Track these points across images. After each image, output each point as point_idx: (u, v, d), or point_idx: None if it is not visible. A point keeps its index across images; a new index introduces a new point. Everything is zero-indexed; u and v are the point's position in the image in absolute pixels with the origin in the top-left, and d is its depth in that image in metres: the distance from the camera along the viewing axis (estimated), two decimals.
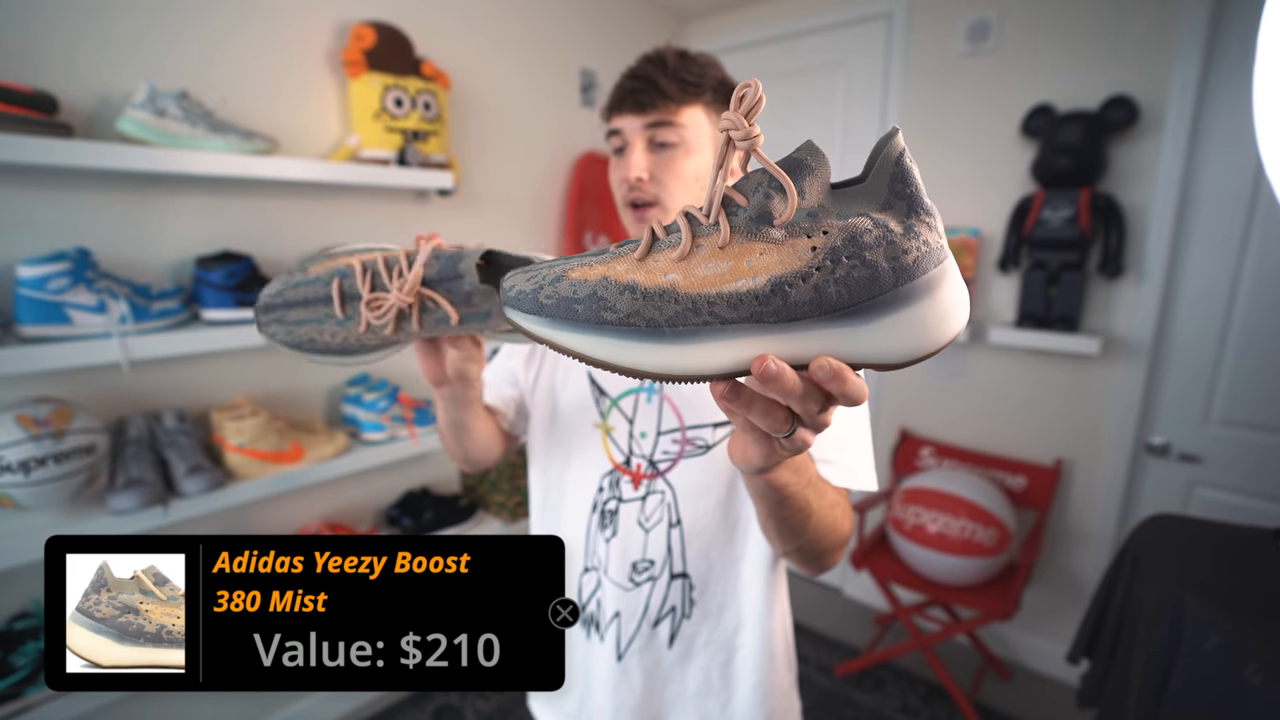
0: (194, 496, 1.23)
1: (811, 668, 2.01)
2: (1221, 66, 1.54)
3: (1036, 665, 2.00)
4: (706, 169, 0.71)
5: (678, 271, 0.33)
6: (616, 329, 0.32)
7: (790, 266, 0.31)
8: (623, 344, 0.33)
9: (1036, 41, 1.77)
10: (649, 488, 0.74)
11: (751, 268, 0.31)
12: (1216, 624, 0.70)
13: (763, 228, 0.32)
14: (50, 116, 1.09)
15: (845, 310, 0.31)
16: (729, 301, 0.31)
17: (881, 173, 0.31)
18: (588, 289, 0.33)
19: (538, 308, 0.34)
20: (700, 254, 0.33)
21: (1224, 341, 1.62)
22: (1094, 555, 1.88)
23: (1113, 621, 0.87)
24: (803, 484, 0.52)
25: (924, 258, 0.30)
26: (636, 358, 0.33)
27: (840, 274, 0.30)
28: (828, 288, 0.31)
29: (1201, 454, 1.69)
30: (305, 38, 1.49)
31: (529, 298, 0.35)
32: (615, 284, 0.33)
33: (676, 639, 0.74)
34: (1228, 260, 1.59)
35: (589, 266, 0.34)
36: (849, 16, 2.09)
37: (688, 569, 0.73)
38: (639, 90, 0.69)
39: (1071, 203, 1.67)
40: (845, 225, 0.31)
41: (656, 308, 0.32)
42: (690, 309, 0.32)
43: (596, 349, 0.33)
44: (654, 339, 0.32)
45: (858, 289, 0.30)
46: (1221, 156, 1.57)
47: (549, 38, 2.05)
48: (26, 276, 1.05)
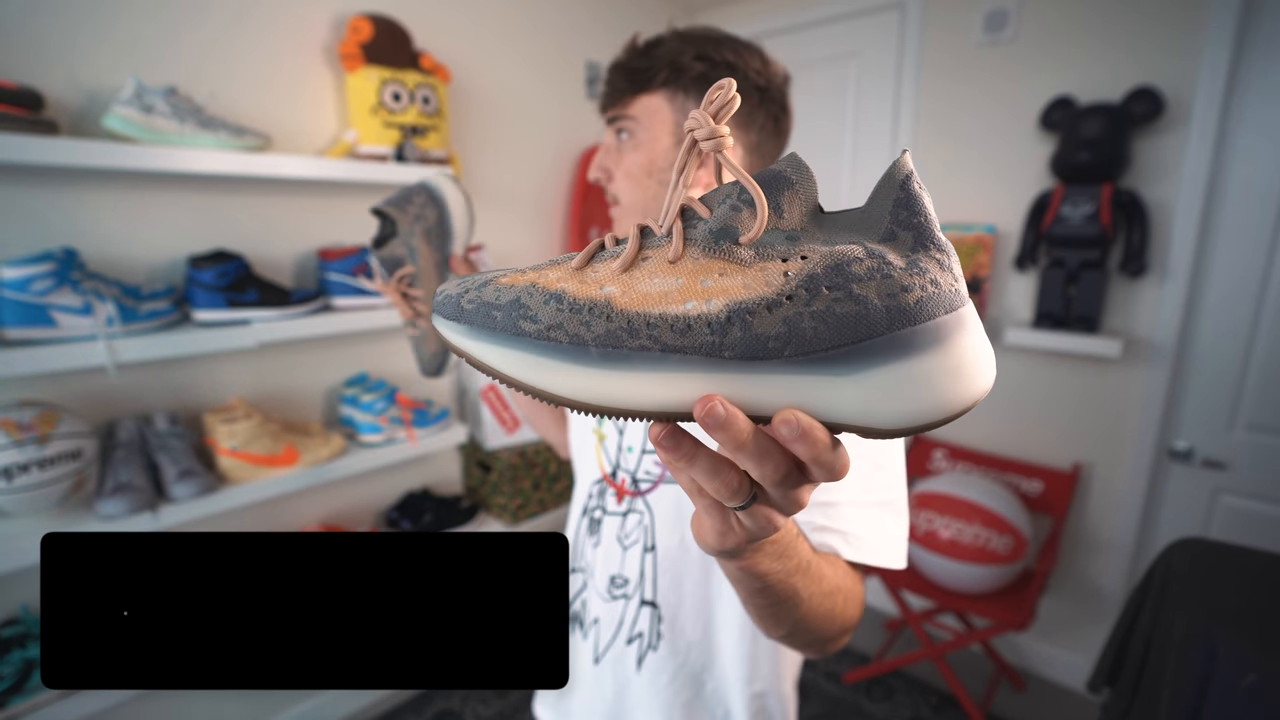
0: (185, 501, 1.20)
1: (819, 674, 1.96)
2: (1254, 56, 1.47)
3: (1052, 675, 1.95)
4: (667, 162, 0.65)
5: (617, 284, 0.27)
6: (534, 342, 0.27)
7: (755, 292, 0.26)
8: (540, 361, 0.27)
9: (1056, 31, 1.70)
10: (630, 505, 0.71)
11: (707, 289, 0.26)
12: (1253, 659, 0.65)
13: (726, 244, 0.27)
14: (35, 113, 1.06)
15: (823, 354, 0.25)
16: (674, 325, 0.26)
17: (883, 197, 0.26)
18: (511, 295, 0.29)
19: (458, 313, 0.30)
20: (646, 266, 0.28)
21: (1252, 343, 1.56)
22: (1113, 564, 1.82)
23: (1137, 650, 0.82)
24: (788, 571, 0.40)
25: (931, 300, 0.24)
26: (553, 379, 0.28)
27: (817, 307, 0.25)
28: (801, 322, 0.25)
29: (1227, 460, 1.63)
30: (300, 30, 1.46)
31: (452, 302, 0.30)
32: (541, 291, 0.28)
33: (643, 666, 0.70)
34: (1256, 259, 1.52)
35: (522, 273, 0.30)
36: (861, 6, 2.03)
37: (658, 598, 0.69)
38: (606, 85, 0.68)
39: (1092, 199, 1.60)
40: (830, 251, 0.25)
41: (584, 322, 0.27)
42: (625, 328, 0.26)
43: (510, 365, 0.28)
44: (576, 359, 0.27)
45: (840, 328, 0.25)
46: (1251, 151, 1.50)
47: (553, 29, 2.00)
48: (9, 278, 1.03)
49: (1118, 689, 0.88)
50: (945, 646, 1.76)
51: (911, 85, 1.96)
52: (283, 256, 1.49)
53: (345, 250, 1.48)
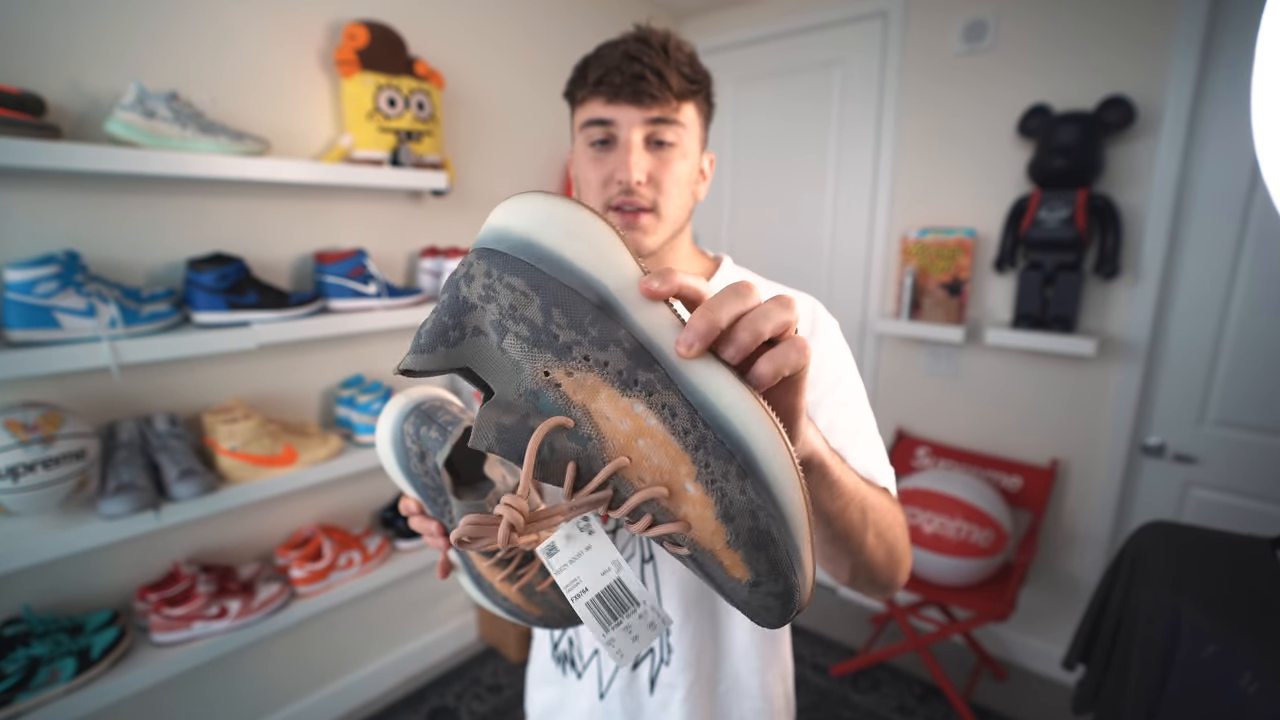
0: (186, 501, 1.22)
1: (807, 667, 2.01)
2: (1219, 66, 1.53)
3: (1032, 665, 2.01)
4: (692, 177, 0.67)
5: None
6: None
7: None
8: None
9: (1033, 41, 1.76)
10: (618, 520, 0.68)
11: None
12: (1213, 632, 0.70)
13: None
14: (38, 118, 1.08)
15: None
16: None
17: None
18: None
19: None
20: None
21: (1220, 342, 1.62)
22: (1089, 556, 1.88)
23: (1109, 627, 0.87)
24: (842, 506, 0.44)
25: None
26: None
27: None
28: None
29: (1197, 455, 1.69)
30: (297, 37, 1.48)
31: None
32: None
33: (656, 686, 0.68)
34: (1224, 261, 1.59)
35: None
36: (845, 14, 2.08)
37: (663, 609, 0.68)
38: (640, 78, 0.59)
39: (1068, 203, 1.66)
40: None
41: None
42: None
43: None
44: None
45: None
46: (1218, 157, 1.56)
47: (545, 36, 2.03)
48: (14, 280, 1.04)
49: (1091, 664, 0.92)
50: (929, 638, 1.81)
51: (894, 92, 2.02)
52: (280, 259, 1.51)
53: (341, 253, 1.50)
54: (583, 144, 0.66)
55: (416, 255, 1.78)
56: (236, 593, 1.36)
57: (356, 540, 1.59)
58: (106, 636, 1.20)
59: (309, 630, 1.65)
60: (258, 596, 1.37)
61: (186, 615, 1.27)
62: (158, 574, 1.37)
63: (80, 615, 1.24)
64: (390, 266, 1.73)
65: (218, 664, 1.47)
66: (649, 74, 0.59)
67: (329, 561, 1.49)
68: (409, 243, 1.77)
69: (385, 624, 1.84)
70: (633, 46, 0.61)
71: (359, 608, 1.75)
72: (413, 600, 1.89)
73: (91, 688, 1.14)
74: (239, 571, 1.44)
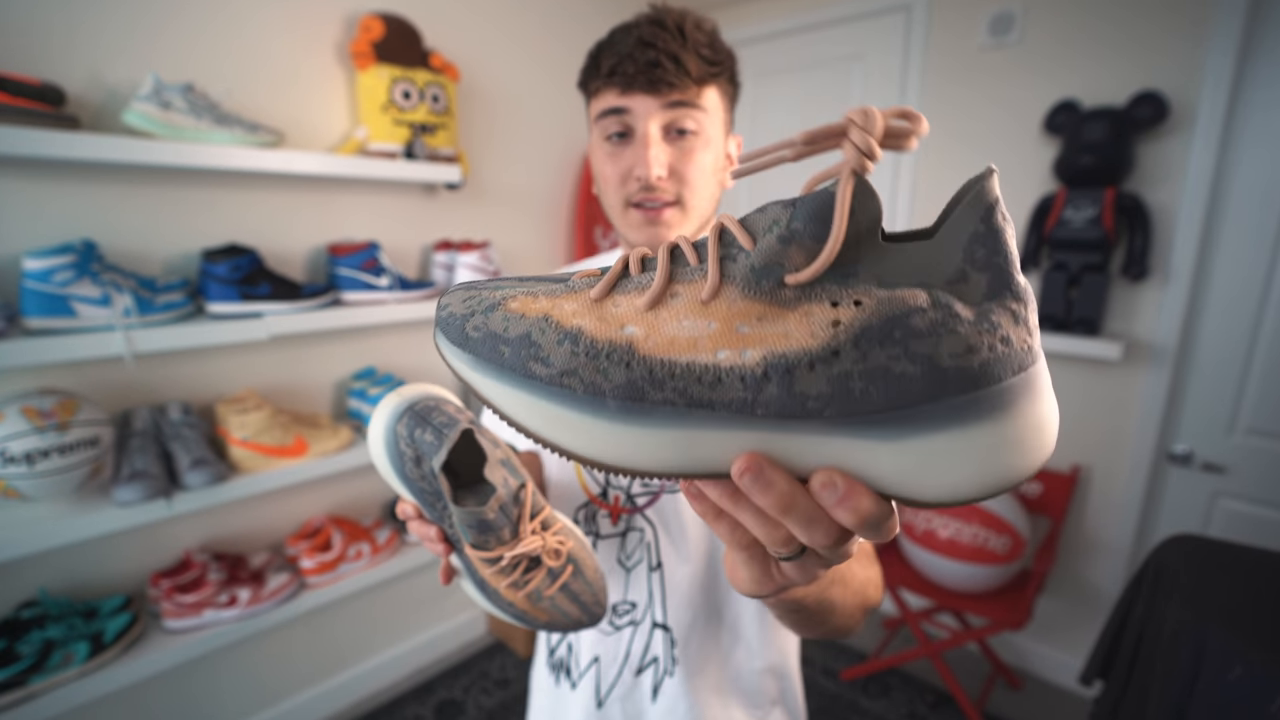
0: (198, 490, 1.23)
1: (817, 671, 1.98)
2: (1258, 61, 1.47)
3: (1048, 675, 1.96)
4: (718, 164, 0.62)
5: (640, 324, 0.24)
6: (547, 389, 0.25)
7: (797, 344, 0.22)
8: (552, 412, 0.25)
9: (1061, 35, 1.71)
10: (628, 523, 0.65)
11: (742, 336, 0.23)
12: (1241, 653, 0.67)
13: (768, 284, 0.23)
14: (57, 109, 1.09)
15: (868, 417, 0.22)
16: (702, 377, 0.23)
17: (958, 228, 0.22)
18: (521, 328, 0.25)
19: (463, 339, 0.27)
20: (675, 305, 0.24)
21: (1253, 348, 1.56)
22: (1111, 566, 1.83)
23: (1129, 644, 0.83)
24: (822, 589, 0.40)
25: (998, 361, 0.21)
26: (567, 435, 0.25)
27: (869, 366, 0.21)
28: (848, 382, 0.22)
29: (1226, 464, 1.64)
30: (313, 29, 1.48)
31: (456, 324, 0.27)
32: (556, 327, 0.25)
33: (660, 694, 0.66)
34: (1259, 263, 1.53)
35: (534, 297, 0.27)
36: (867, 9, 2.04)
37: (669, 620, 0.65)
38: (656, 65, 0.55)
39: (1095, 202, 1.61)
40: (889, 298, 0.21)
41: (601, 370, 0.24)
42: (647, 378, 0.23)
43: (521, 411, 0.25)
44: (592, 412, 0.24)
45: (891, 391, 0.21)
46: (1255, 155, 1.50)
47: (561, 28, 2.02)
48: (32, 269, 1.06)
49: (1109, 682, 0.89)
50: (942, 645, 1.77)
51: (916, 88, 1.97)
52: (294, 251, 1.52)
53: (355, 246, 1.50)
54: (599, 136, 0.62)
55: (430, 248, 1.78)
56: (247, 581, 1.37)
57: (366, 532, 1.60)
58: (119, 621, 1.21)
59: (318, 620, 1.66)
60: (267, 586, 1.38)
61: (197, 602, 1.28)
62: (170, 561, 1.39)
63: (94, 600, 1.26)
64: (403, 259, 1.74)
65: (227, 651, 1.49)
66: (665, 60, 0.55)
67: (338, 553, 1.50)
68: (422, 236, 1.77)
69: (393, 616, 1.85)
70: (646, 31, 0.57)
71: (367, 599, 1.76)
72: (421, 593, 1.90)
73: (104, 671, 1.16)
74: (249, 560, 1.45)
